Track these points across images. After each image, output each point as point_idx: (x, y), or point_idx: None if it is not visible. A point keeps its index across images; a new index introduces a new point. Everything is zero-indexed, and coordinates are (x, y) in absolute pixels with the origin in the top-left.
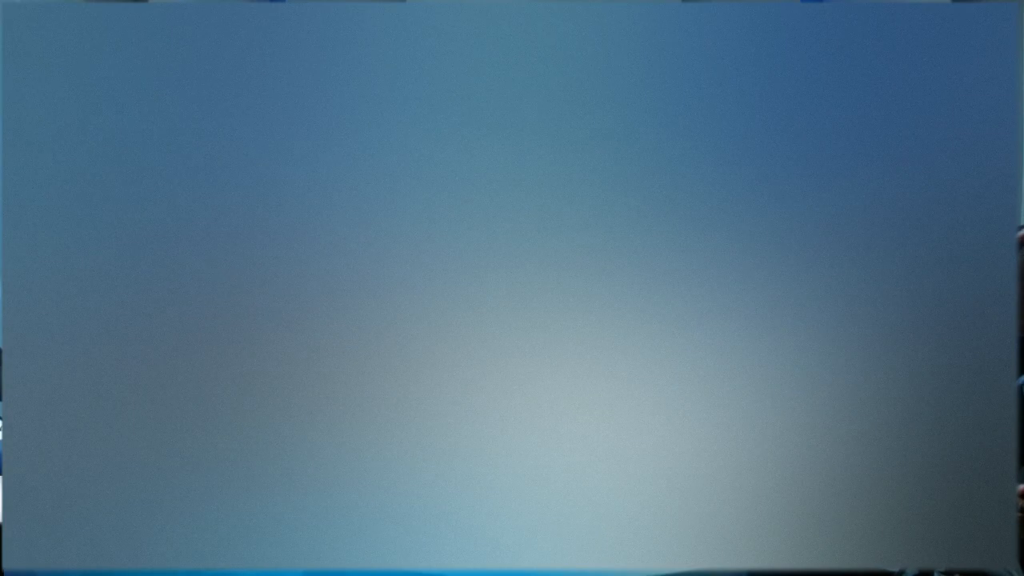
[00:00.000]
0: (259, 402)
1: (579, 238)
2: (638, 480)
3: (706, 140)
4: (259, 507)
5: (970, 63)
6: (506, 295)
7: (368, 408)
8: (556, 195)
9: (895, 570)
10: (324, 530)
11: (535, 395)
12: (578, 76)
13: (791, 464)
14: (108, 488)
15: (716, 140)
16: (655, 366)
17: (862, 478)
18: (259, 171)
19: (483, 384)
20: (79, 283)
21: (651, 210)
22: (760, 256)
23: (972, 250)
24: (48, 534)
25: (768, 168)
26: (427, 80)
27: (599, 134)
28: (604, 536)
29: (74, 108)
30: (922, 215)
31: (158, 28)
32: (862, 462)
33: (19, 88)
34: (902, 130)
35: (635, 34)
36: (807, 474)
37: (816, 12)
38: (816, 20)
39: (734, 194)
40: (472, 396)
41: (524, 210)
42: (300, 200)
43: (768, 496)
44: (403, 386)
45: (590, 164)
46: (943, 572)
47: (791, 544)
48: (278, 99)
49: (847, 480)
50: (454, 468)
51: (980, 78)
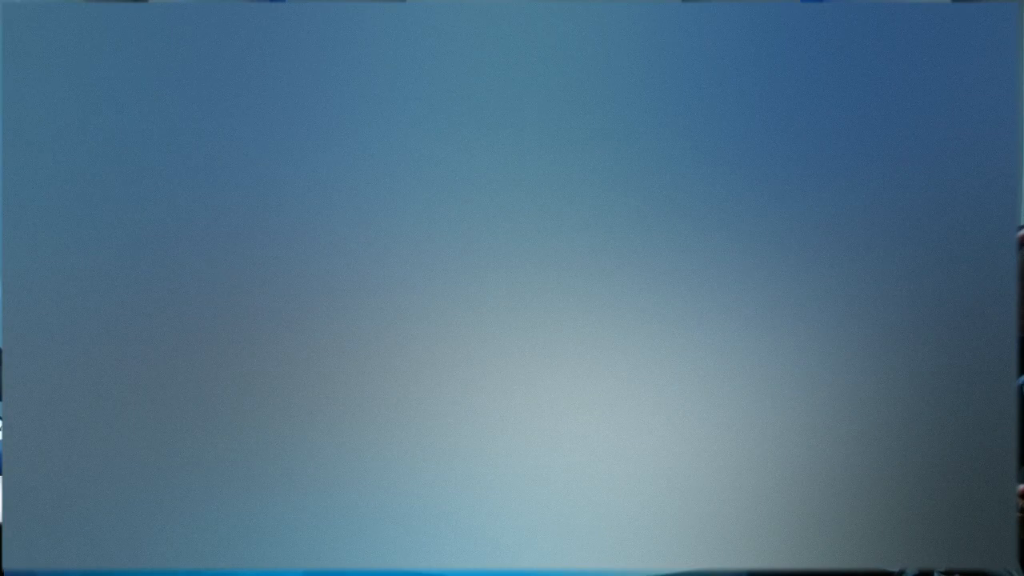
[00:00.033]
0: (259, 402)
1: (579, 238)
2: (638, 480)
3: (706, 140)
4: (259, 507)
5: (970, 63)
6: (506, 295)
7: (368, 408)
8: (556, 195)
9: (895, 570)
10: (324, 530)
11: (535, 395)
12: (578, 76)
13: (791, 464)
14: (108, 488)
15: (716, 140)
16: (655, 366)
17: (862, 478)
18: (259, 171)
19: (483, 384)
20: (79, 283)
21: (651, 210)
22: (760, 256)
23: (972, 250)
24: (48, 534)
25: (768, 168)
26: (427, 80)
27: (599, 134)
28: (604, 536)
29: (74, 108)
30: (922, 215)
31: (158, 28)
32: (862, 462)
33: (19, 88)
34: (902, 130)
35: (635, 34)
36: (807, 474)
37: (816, 12)
38: (816, 20)
39: (734, 194)
40: (472, 396)
41: (524, 210)
42: (300, 200)
43: (768, 496)
44: (403, 386)
45: (590, 164)
46: (943, 572)
47: (791, 544)
48: (278, 99)
49: (847, 480)
50: (454, 468)
51: (980, 78)
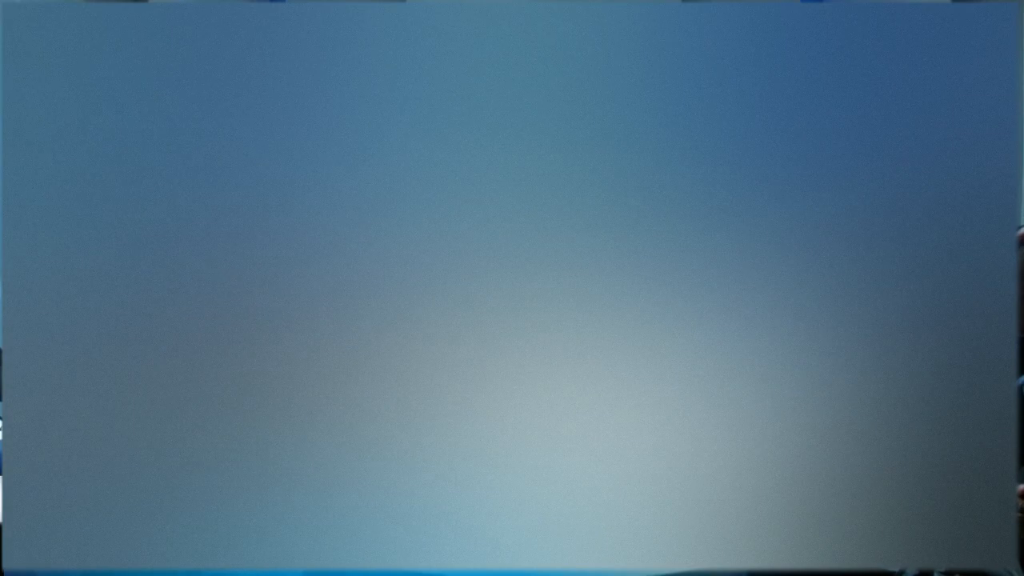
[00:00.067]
0: (259, 402)
1: (579, 238)
2: (638, 480)
3: (706, 140)
4: (259, 507)
5: (970, 63)
6: (506, 295)
7: (368, 408)
8: (556, 195)
9: (895, 570)
10: (324, 530)
11: (535, 395)
12: (578, 76)
13: (791, 464)
14: (108, 488)
15: (716, 140)
16: (655, 366)
17: (862, 478)
18: (259, 171)
19: (483, 384)
20: (79, 283)
21: (651, 210)
22: (760, 256)
23: (972, 250)
24: (48, 534)
25: (768, 168)
26: (427, 80)
27: (599, 134)
28: (604, 536)
29: (74, 108)
30: (922, 215)
31: (158, 28)
32: (862, 462)
33: (19, 88)
34: (902, 130)
35: (635, 34)
36: (807, 474)
37: (816, 12)
38: (816, 20)
39: (734, 194)
40: (472, 396)
41: (524, 210)
42: (300, 200)
43: (768, 496)
44: (403, 386)
45: (590, 164)
46: (943, 572)
47: (791, 544)
48: (278, 99)
49: (847, 480)
50: (454, 468)
51: (980, 78)
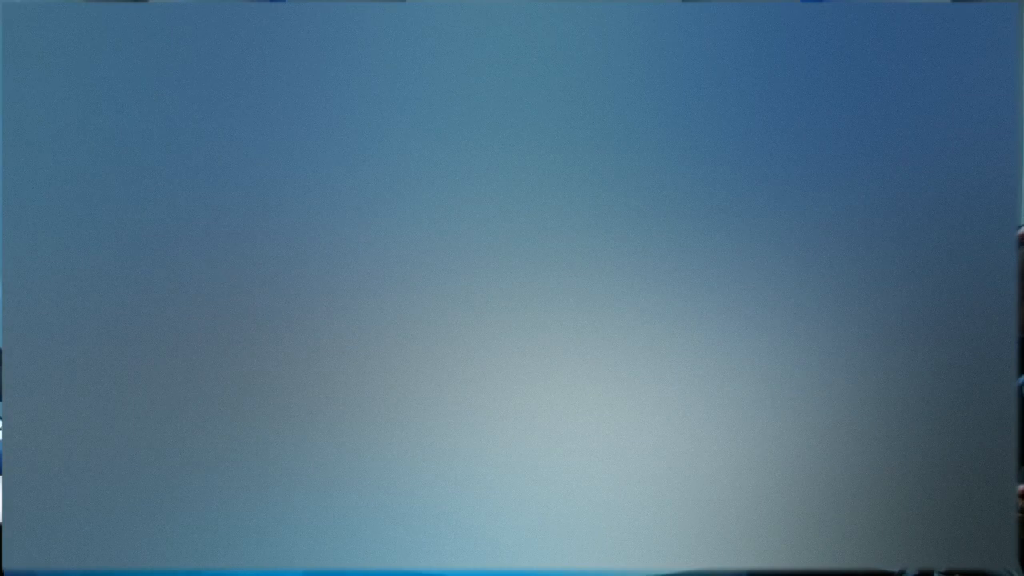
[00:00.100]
0: (259, 402)
1: (579, 238)
2: (638, 480)
3: (706, 140)
4: (259, 507)
5: (970, 63)
6: (506, 295)
7: (368, 408)
8: (556, 195)
9: (895, 570)
10: (324, 530)
11: (535, 395)
12: (578, 76)
13: (791, 464)
14: (108, 488)
15: (716, 140)
16: (655, 366)
17: (862, 478)
18: (259, 171)
19: (483, 384)
20: (79, 283)
21: (651, 210)
22: (760, 256)
23: (972, 250)
24: (48, 534)
25: (768, 168)
26: (427, 80)
27: (599, 134)
28: (604, 536)
29: (74, 108)
30: (922, 215)
31: (158, 28)
32: (862, 462)
33: (19, 88)
34: (902, 130)
35: (635, 34)
36: (807, 474)
37: (816, 12)
38: (816, 20)
39: (734, 194)
40: (472, 396)
41: (524, 210)
42: (300, 200)
43: (768, 496)
44: (403, 386)
45: (590, 164)
46: (943, 572)
47: (791, 544)
48: (278, 99)
49: (847, 480)
50: (454, 468)
51: (980, 78)
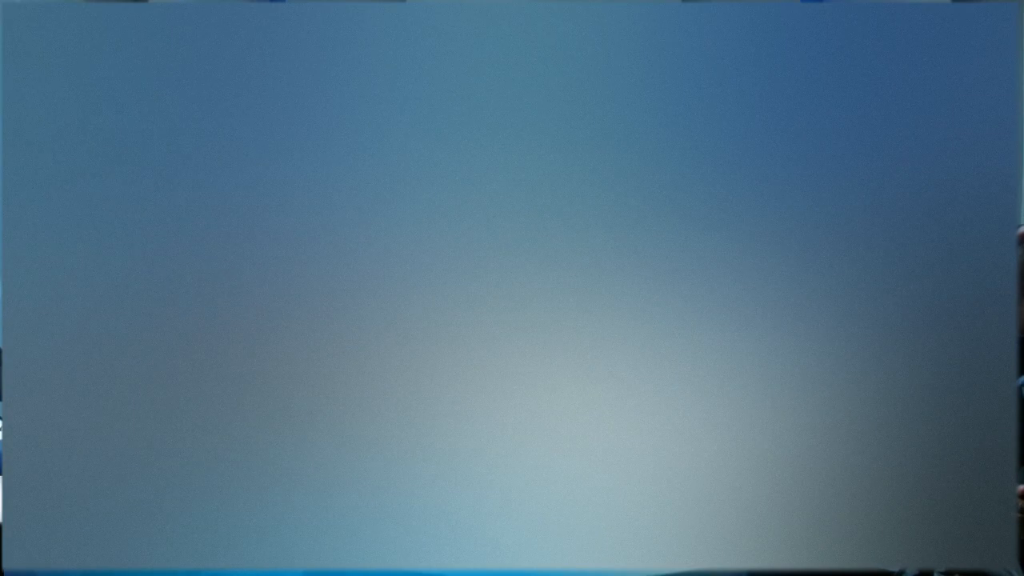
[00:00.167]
0: (259, 402)
1: (579, 238)
2: (638, 480)
3: (706, 140)
4: (259, 507)
5: (970, 63)
6: (506, 295)
7: (368, 408)
8: (556, 195)
9: (895, 570)
10: (324, 530)
11: (535, 395)
12: (578, 76)
13: (791, 464)
14: (108, 488)
15: (716, 140)
16: (655, 366)
17: (862, 478)
18: (259, 171)
19: (483, 384)
20: (79, 283)
21: (651, 210)
22: (760, 256)
23: (972, 250)
24: (48, 534)
25: (768, 168)
26: (427, 80)
27: (599, 134)
28: (604, 536)
29: (74, 108)
30: (922, 215)
31: (158, 28)
32: (862, 462)
33: (19, 88)
34: (902, 130)
35: (635, 34)
36: (807, 474)
37: (816, 12)
38: (816, 20)
39: (734, 194)
40: (472, 396)
41: (524, 210)
42: (300, 200)
43: (768, 496)
44: (403, 386)
45: (590, 164)
46: (943, 572)
47: (791, 544)
48: (278, 99)
49: (847, 480)
50: (454, 468)
51: (980, 78)
